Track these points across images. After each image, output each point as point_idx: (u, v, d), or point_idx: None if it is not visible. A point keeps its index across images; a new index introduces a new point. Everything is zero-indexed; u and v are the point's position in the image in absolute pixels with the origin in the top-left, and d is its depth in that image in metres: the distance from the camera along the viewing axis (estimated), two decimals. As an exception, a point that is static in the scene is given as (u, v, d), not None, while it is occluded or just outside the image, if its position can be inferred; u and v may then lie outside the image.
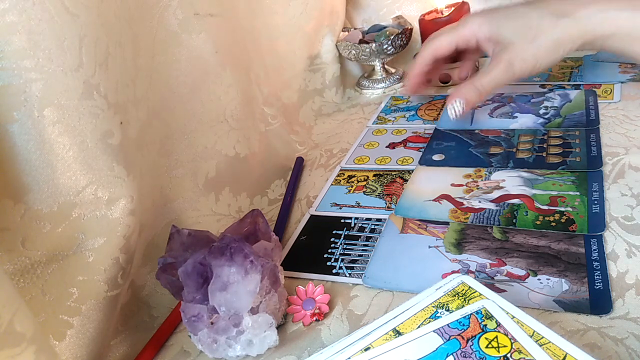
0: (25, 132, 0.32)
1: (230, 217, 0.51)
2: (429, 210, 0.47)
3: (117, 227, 0.36)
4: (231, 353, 0.35)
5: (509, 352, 0.27)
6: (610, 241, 0.39)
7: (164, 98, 0.46)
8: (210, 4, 0.50)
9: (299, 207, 0.53)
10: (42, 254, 0.34)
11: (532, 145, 0.53)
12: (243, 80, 0.56)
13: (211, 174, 0.50)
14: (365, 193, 0.52)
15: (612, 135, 0.51)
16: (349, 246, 0.45)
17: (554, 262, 0.38)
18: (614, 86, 0.61)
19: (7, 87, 0.30)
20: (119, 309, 0.39)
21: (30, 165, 0.32)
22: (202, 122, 0.49)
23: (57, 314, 0.34)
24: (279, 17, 0.65)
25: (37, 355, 0.27)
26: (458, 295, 0.31)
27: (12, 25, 0.30)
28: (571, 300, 0.35)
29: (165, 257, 0.37)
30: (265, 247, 0.38)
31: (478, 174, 0.50)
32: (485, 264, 0.39)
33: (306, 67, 0.71)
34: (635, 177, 0.45)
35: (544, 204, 0.44)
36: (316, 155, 0.62)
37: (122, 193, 0.36)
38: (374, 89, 0.76)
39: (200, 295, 0.35)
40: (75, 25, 0.33)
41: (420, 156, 0.56)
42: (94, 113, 0.34)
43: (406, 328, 0.30)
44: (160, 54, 0.45)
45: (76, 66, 0.33)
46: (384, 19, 0.82)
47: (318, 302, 0.38)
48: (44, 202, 0.33)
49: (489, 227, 0.43)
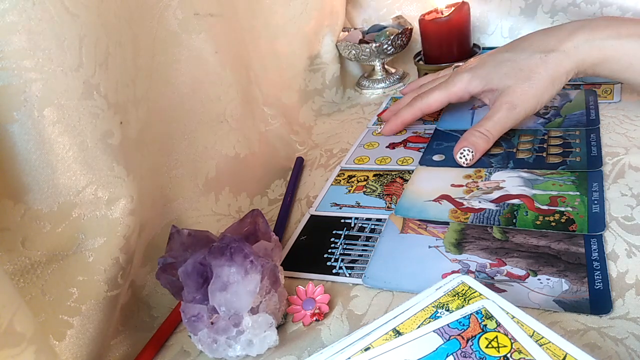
0: (25, 132, 0.32)
1: (230, 217, 0.51)
2: (429, 210, 0.47)
3: (117, 227, 0.36)
4: (231, 353, 0.35)
5: (509, 352, 0.27)
6: (610, 241, 0.39)
7: (164, 98, 0.46)
8: (210, 4, 0.50)
9: (299, 207, 0.53)
10: (42, 254, 0.34)
11: (532, 145, 0.53)
12: (243, 80, 0.56)
13: (211, 174, 0.50)
14: (365, 193, 0.52)
15: (612, 135, 0.51)
16: (349, 246, 0.45)
17: (554, 262, 0.38)
18: (614, 86, 0.61)
19: (7, 87, 0.30)
20: (119, 309, 0.39)
21: (30, 165, 0.32)
22: (202, 122, 0.49)
23: (57, 314, 0.34)
24: (279, 17, 0.65)
25: (37, 355, 0.27)
26: (458, 295, 0.31)
27: (12, 25, 0.30)
28: (571, 300, 0.35)
29: (165, 257, 0.37)
30: (265, 247, 0.38)
31: (478, 174, 0.50)
32: (485, 264, 0.39)
33: (306, 67, 0.71)
34: (635, 177, 0.45)
35: (544, 204, 0.44)
36: (316, 155, 0.62)
37: (122, 193, 0.36)
38: (374, 89, 0.76)
39: (200, 295, 0.35)
40: (75, 25, 0.33)
41: (420, 156, 0.56)
42: (94, 113, 0.34)
43: (406, 328, 0.30)
44: (160, 54, 0.45)
45: (76, 66, 0.33)
46: (384, 19, 0.82)
47: (318, 302, 0.38)
48: (44, 202, 0.33)
49: (489, 227, 0.43)
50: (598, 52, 0.47)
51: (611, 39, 0.47)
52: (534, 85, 0.49)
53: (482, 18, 0.77)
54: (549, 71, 0.48)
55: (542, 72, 0.49)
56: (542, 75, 0.49)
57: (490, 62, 0.53)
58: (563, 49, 0.48)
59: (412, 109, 0.58)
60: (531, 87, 0.49)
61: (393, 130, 0.61)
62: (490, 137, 0.51)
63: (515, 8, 0.73)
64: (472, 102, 0.64)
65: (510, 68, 0.51)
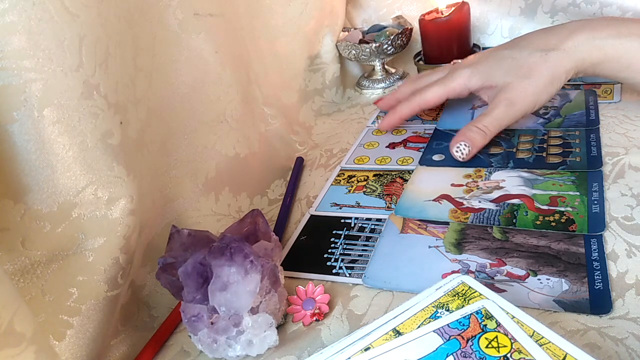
0: (25, 132, 0.32)
1: (230, 217, 0.51)
2: (429, 210, 0.47)
3: (117, 227, 0.36)
4: (231, 353, 0.35)
5: (509, 352, 0.27)
6: (610, 241, 0.39)
7: (164, 98, 0.46)
8: (210, 4, 0.49)
9: (299, 207, 0.53)
10: (42, 254, 0.34)
11: (532, 145, 0.53)
12: (243, 80, 0.56)
13: (211, 174, 0.50)
14: (365, 193, 0.52)
15: (612, 135, 0.51)
16: (349, 246, 0.45)
17: (554, 262, 0.38)
18: (614, 86, 0.61)
19: (7, 87, 0.30)
20: (119, 309, 0.39)
21: (30, 165, 0.32)
22: (202, 122, 0.49)
23: (57, 314, 0.34)
24: (279, 17, 0.65)
25: (37, 355, 0.27)
26: (458, 295, 0.31)
27: (12, 25, 0.30)
28: (571, 300, 0.35)
29: (165, 257, 0.37)
30: (265, 247, 0.38)
31: (478, 174, 0.50)
32: (485, 264, 0.39)
33: (306, 67, 0.71)
34: (635, 177, 0.45)
35: (544, 204, 0.44)
36: (316, 155, 0.62)
37: (122, 193, 0.36)
38: (374, 89, 0.76)
39: (200, 295, 0.35)
40: (75, 25, 0.33)
41: (420, 156, 0.56)
42: (94, 113, 0.34)
43: (406, 328, 0.30)
44: (160, 54, 0.45)
45: (76, 66, 0.33)
46: (384, 19, 0.82)
47: (318, 302, 0.38)
48: (44, 202, 0.33)
49: (489, 227, 0.43)
50: (598, 51, 0.47)
51: (611, 38, 0.47)
52: (534, 83, 0.49)
53: (482, 18, 0.77)
54: (549, 69, 0.48)
55: (542, 70, 0.49)
56: (543, 73, 0.49)
57: (491, 58, 0.53)
58: (563, 47, 0.48)
59: (410, 104, 0.57)
60: (530, 84, 0.49)
61: (390, 124, 0.61)
62: (488, 132, 0.51)
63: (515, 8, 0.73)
64: (472, 102, 0.64)
65: (510, 65, 0.50)
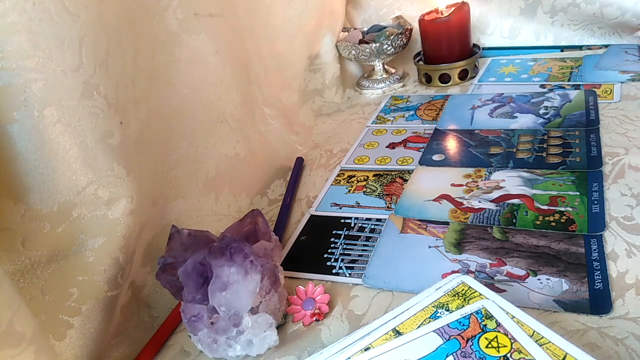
0: (25, 132, 0.32)
1: (230, 217, 0.51)
2: (429, 210, 0.47)
3: (117, 227, 0.36)
4: (231, 353, 0.35)
5: (509, 352, 0.27)
6: (610, 241, 0.39)
7: (164, 98, 0.46)
8: (210, 4, 0.50)
9: (299, 207, 0.53)
10: (42, 254, 0.34)
11: (532, 145, 0.53)
12: (243, 80, 0.56)
13: (211, 174, 0.50)
14: (365, 193, 0.52)
15: (612, 135, 0.51)
16: (349, 246, 0.45)
17: (554, 262, 0.38)
18: (614, 86, 0.61)
19: (7, 87, 0.30)
20: (119, 309, 0.39)
21: (30, 166, 0.32)
22: (202, 122, 0.49)
23: (57, 314, 0.34)
24: (278, 17, 0.65)
25: (37, 355, 0.27)
26: (458, 295, 0.31)
27: (12, 25, 0.30)
28: (571, 300, 0.35)
29: (165, 257, 0.37)
30: (265, 247, 0.38)
31: (478, 174, 0.50)
32: (485, 264, 0.39)
33: (306, 67, 0.71)
34: (635, 177, 0.45)
35: (544, 204, 0.44)
36: (316, 155, 0.62)
37: (122, 193, 0.36)
38: (373, 89, 0.76)
39: (200, 295, 0.35)
40: (75, 25, 0.33)
41: (420, 156, 0.56)
42: (94, 113, 0.34)
43: (406, 328, 0.30)
44: (160, 54, 0.45)
45: (76, 66, 0.33)
46: (384, 19, 0.82)
47: (318, 302, 0.38)
48: (44, 202, 0.33)
49: (489, 227, 0.43)
50: None
51: None
52: None
53: (482, 18, 0.77)
54: None
55: None
56: None
57: None
58: None
59: None
60: None
61: None
62: None
63: (515, 8, 0.73)
64: (472, 102, 0.64)
65: None
